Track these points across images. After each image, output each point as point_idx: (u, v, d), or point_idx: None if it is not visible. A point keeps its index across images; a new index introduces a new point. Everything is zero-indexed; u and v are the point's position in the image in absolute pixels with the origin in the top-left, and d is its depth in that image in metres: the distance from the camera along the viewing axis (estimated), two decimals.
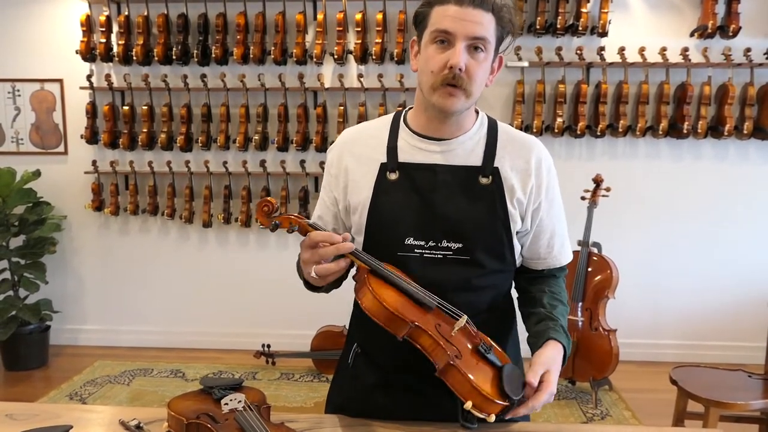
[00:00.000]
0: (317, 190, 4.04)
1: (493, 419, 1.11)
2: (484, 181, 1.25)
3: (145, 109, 3.99)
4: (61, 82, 4.13)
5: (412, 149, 1.28)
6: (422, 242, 1.24)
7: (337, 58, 3.83)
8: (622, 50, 3.75)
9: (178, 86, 3.98)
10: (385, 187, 1.27)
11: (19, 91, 4.16)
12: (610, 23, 3.73)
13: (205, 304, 4.28)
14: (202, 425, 1.14)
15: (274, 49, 3.85)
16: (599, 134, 3.84)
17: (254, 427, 1.12)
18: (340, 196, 1.33)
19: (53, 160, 4.21)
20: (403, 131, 1.31)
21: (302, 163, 4.01)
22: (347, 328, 1.44)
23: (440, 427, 1.26)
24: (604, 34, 3.75)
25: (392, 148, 1.29)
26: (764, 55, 3.77)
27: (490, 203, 1.25)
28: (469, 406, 1.10)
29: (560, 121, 3.82)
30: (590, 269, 3.44)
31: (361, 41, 3.79)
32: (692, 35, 3.80)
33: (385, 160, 1.28)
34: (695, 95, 3.79)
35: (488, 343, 1.20)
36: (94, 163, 4.11)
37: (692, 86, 3.75)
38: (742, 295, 4.03)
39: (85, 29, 3.94)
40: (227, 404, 1.19)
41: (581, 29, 3.72)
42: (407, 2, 3.77)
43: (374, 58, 3.80)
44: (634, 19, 3.86)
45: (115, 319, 4.35)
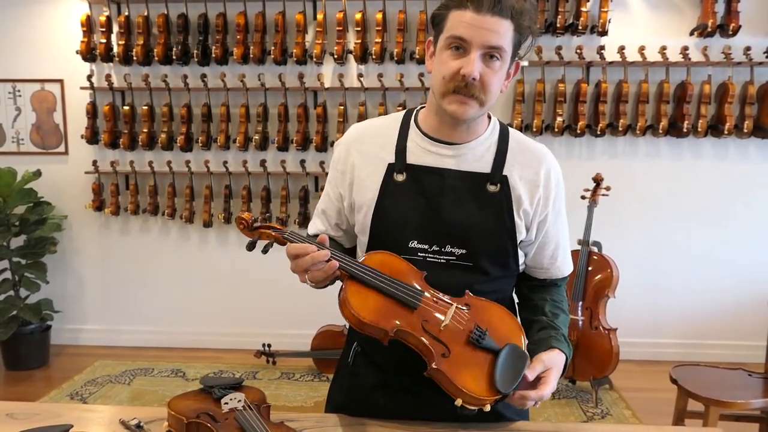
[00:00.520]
0: (317, 189, 4.04)
1: (488, 408, 1.12)
2: (492, 188, 1.24)
3: (145, 109, 3.99)
4: (61, 82, 4.13)
5: (421, 151, 1.26)
6: (426, 246, 1.23)
7: (337, 57, 3.83)
8: (621, 49, 3.75)
9: (178, 86, 3.98)
10: (391, 188, 1.25)
11: (19, 91, 4.16)
12: (609, 22, 3.73)
13: (205, 303, 4.28)
14: (202, 424, 1.14)
15: (274, 48, 3.85)
16: (599, 133, 3.85)
17: (254, 426, 1.12)
18: (345, 192, 1.32)
19: (54, 160, 4.22)
20: (413, 132, 1.29)
21: (302, 162, 4.01)
22: (347, 327, 1.44)
23: (439, 427, 1.26)
24: (603, 33, 3.75)
25: (401, 149, 1.27)
26: (764, 53, 3.77)
27: (497, 211, 1.24)
28: (459, 403, 1.11)
29: (560, 120, 3.82)
30: (590, 268, 3.44)
31: (360, 41, 3.79)
32: (692, 34, 3.80)
33: (393, 160, 1.27)
34: (695, 94, 3.78)
35: (483, 326, 1.16)
36: (94, 163, 4.11)
37: (692, 85, 3.75)
38: (742, 294, 4.03)
39: (85, 29, 3.94)
40: (227, 403, 1.19)
41: (581, 28, 3.72)
42: (407, 2, 3.77)
43: (374, 57, 3.80)
44: (633, 18, 3.86)
45: (115, 318, 4.35)
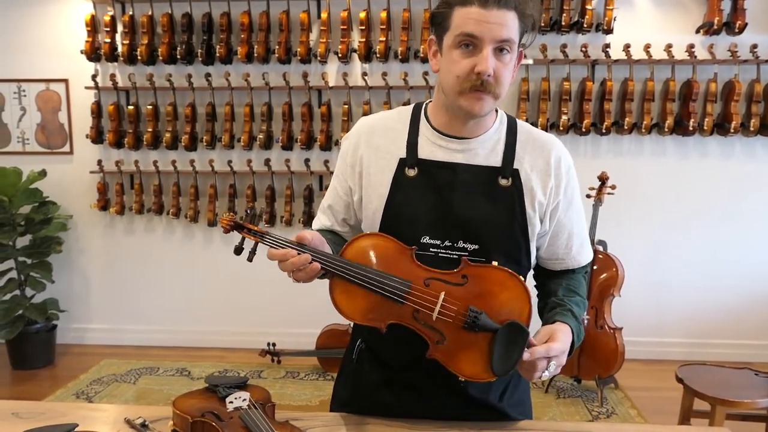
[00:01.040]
0: (322, 188, 4.04)
1: (494, 379, 1.14)
2: (503, 182, 1.24)
3: (149, 108, 4.00)
4: (66, 82, 4.14)
5: (432, 146, 1.26)
6: (438, 241, 1.22)
7: (341, 56, 3.83)
8: (627, 47, 3.73)
9: (182, 85, 3.98)
10: (403, 183, 1.25)
11: (24, 91, 4.18)
12: (615, 20, 3.71)
13: (210, 302, 4.29)
14: (207, 423, 1.14)
15: (278, 47, 3.85)
16: (604, 132, 3.83)
17: (259, 425, 1.12)
18: (355, 186, 1.31)
19: (59, 159, 4.23)
20: (423, 127, 1.29)
21: (307, 161, 4.01)
22: (352, 326, 1.44)
23: (444, 425, 1.26)
24: (609, 31, 3.74)
25: (413, 143, 1.27)
26: None
27: (509, 205, 1.23)
28: (462, 379, 1.15)
29: (565, 118, 3.81)
30: (596, 267, 3.43)
31: (365, 40, 3.79)
32: (698, 32, 3.79)
33: (404, 155, 1.26)
34: (701, 92, 3.76)
35: (479, 302, 1.13)
36: (99, 162, 4.12)
37: (698, 83, 3.73)
38: (747, 293, 4.01)
39: (89, 29, 3.95)
40: (232, 402, 1.19)
41: (586, 26, 3.71)
42: (411, 0, 3.76)
43: (378, 56, 3.80)
44: (639, 15, 3.85)
45: (121, 318, 4.36)
